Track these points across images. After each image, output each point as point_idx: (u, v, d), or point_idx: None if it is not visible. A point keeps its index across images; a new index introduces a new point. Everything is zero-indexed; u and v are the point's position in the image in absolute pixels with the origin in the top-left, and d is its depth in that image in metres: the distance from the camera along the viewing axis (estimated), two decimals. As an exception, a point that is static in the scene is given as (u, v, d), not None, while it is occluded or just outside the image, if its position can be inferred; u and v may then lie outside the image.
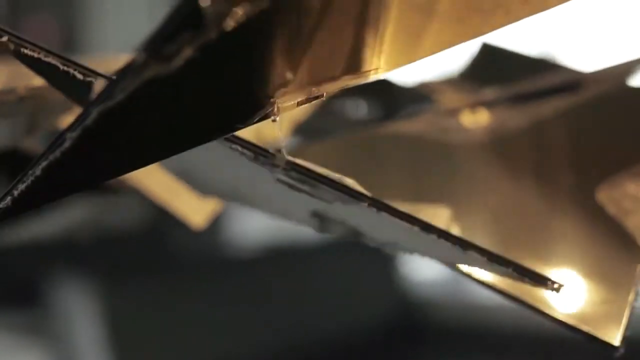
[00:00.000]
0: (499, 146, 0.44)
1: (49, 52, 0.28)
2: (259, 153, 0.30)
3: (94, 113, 0.24)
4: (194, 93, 0.26)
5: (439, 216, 0.36)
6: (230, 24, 0.24)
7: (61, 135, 0.24)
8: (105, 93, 0.24)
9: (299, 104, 0.30)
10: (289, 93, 0.29)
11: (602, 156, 0.39)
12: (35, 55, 0.28)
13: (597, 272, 0.36)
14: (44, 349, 1.56)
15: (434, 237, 0.30)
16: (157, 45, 0.23)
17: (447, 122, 0.45)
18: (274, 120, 0.29)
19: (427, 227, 0.30)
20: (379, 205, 0.31)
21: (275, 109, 0.29)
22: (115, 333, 1.56)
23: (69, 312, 1.57)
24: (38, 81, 0.34)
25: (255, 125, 0.28)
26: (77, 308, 1.56)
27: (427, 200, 0.40)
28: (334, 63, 0.30)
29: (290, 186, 0.32)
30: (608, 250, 0.37)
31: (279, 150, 0.30)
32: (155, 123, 0.26)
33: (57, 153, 0.24)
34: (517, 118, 0.45)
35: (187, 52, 0.23)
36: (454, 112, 0.46)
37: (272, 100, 0.28)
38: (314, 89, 0.30)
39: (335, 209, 0.33)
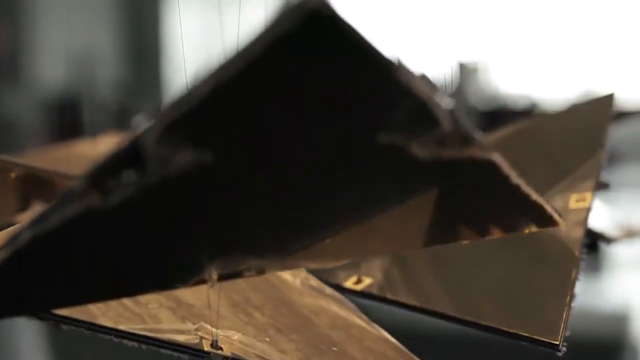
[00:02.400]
0: None
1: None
2: (195, 354, 0.30)
3: (28, 234, 0.24)
4: (130, 235, 0.26)
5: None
6: (172, 170, 0.24)
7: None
8: (42, 216, 0.24)
9: (238, 275, 0.29)
10: (231, 262, 0.29)
11: (528, 178, 0.42)
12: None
13: (536, 280, 0.39)
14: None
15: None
16: (98, 176, 0.24)
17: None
18: (211, 286, 0.29)
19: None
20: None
21: (214, 275, 0.28)
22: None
23: (14, 344, 1.51)
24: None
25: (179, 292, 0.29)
26: (22, 340, 1.51)
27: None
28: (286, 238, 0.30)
29: None
30: (544, 259, 0.39)
31: (218, 348, 0.30)
32: (89, 259, 0.26)
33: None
34: None
35: (126, 190, 0.24)
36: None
37: (212, 264, 0.28)
38: (256, 263, 0.29)
39: None
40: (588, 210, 0.42)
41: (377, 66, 0.25)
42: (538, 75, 6.04)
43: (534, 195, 0.28)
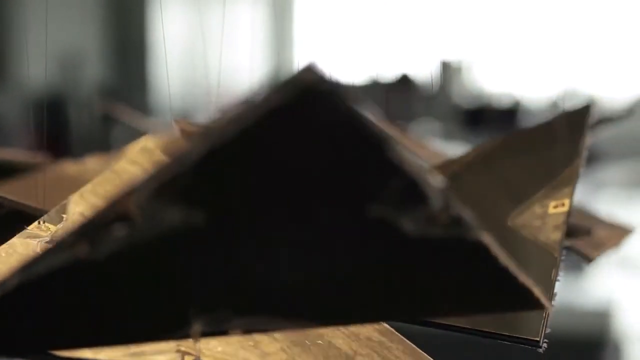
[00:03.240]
0: None
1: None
2: None
3: (15, 280, 0.24)
4: (116, 286, 0.26)
5: None
6: (161, 227, 0.24)
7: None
8: (30, 263, 0.24)
9: (223, 333, 0.29)
10: (217, 320, 0.28)
11: (509, 189, 0.44)
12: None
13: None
14: None
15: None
16: (89, 228, 0.24)
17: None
18: (195, 342, 0.29)
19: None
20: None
21: (198, 332, 0.28)
22: None
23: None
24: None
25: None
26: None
27: None
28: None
29: None
30: (525, 262, 0.40)
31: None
32: (75, 308, 0.27)
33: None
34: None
35: (115, 243, 0.24)
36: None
37: (197, 320, 0.28)
38: (242, 322, 0.29)
39: None
40: (566, 214, 0.43)
41: (370, 142, 0.25)
42: (521, 74, 6.06)
43: (522, 278, 0.29)
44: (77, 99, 4.60)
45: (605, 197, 3.31)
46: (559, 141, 0.42)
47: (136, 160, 0.43)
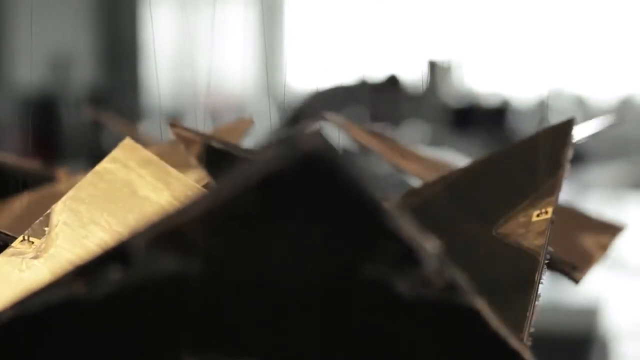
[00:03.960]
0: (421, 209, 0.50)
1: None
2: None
3: (9, 313, 0.25)
4: (109, 327, 0.27)
5: None
6: (157, 273, 0.25)
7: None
8: (26, 298, 0.25)
9: None
10: None
11: (494, 202, 0.47)
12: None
13: (504, 284, 0.43)
14: None
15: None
16: (86, 269, 0.25)
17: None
18: None
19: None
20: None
21: None
22: None
23: None
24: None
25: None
26: None
27: None
28: None
29: None
30: (510, 266, 0.43)
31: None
32: (68, 345, 0.27)
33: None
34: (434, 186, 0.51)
35: (111, 285, 0.25)
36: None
37: None
38: None
39: None
40: (550, 220, 0.44)
41: (367, 208, 0.26)
42: (509, 74, 6.07)
43: (513, 342, 0.29)
44: (67, 101, 4.59)
45: (593, 198, 3.33)
46: (543, 153, 0.44)
47: (118, 159, 0.41)
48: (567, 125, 0.48)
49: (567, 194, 0.46)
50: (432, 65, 5.47)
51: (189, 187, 0.40)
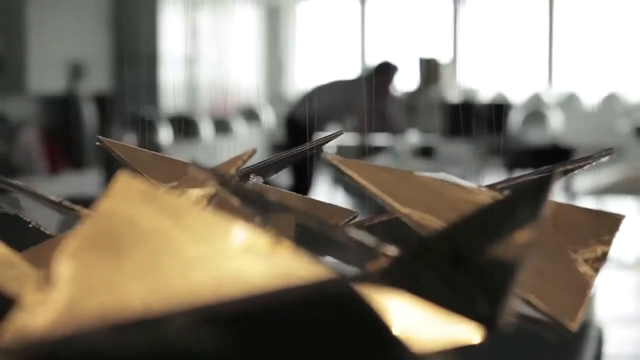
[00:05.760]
0: None
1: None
2: None
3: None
4: None
5: None
6: (195, 349, 0.29)
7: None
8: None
9: None
10: None
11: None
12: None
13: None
14: None
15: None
16: (115, 332, 0.29)
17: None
18: None
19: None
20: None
21: None
22: None
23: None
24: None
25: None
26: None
27: None
28: None
29: None
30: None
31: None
32: None
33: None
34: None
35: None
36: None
37: None
38: None
39: None
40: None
41: (384, 342, 0.30)
42: (505, 71, 6.06)
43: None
44: (81, 103, 4.63)
45: (579, 202, 3.41)
46: (518, 209, 0.42)
47: (119, 196, 0.37)
48: (546, 181, 0.52)
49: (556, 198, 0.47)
50: (430, 63, 5.48)
51: (191, 214, 0.38)
